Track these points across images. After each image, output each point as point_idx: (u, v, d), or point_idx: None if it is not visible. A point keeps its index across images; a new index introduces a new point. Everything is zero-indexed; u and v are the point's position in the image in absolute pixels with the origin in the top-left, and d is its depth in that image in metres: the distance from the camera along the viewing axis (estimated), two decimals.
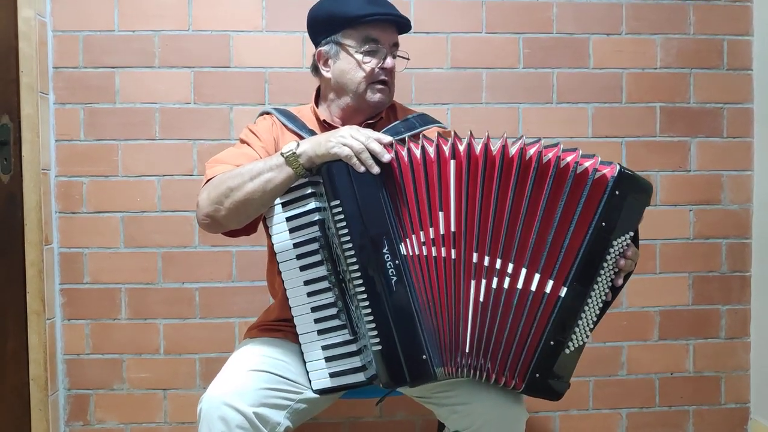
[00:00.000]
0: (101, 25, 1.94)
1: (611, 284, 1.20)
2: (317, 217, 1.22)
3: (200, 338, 1.98)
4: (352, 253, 1.15)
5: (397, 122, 1.46)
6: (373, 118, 1.47)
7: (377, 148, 1.16)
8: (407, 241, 1.17)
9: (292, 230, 1.24)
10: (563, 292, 1.15)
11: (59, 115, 1.95)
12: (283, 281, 1.26)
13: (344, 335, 1.23)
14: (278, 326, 1.42)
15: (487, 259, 1.16)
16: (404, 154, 1.17)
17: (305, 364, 1.26)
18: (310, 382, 1.26)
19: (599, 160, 1.16)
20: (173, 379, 1.99)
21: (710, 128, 2.07)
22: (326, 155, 1.18)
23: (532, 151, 1.15)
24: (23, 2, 1.80)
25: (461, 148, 1.16)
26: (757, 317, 2.08)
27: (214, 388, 1.20)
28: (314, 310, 1.24)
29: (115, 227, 1.96)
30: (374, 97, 1.41)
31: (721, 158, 2.08)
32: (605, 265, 1.17)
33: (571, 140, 2.00)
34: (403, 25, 1.44)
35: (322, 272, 1.23)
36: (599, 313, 1.20)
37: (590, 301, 1.17)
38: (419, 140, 1.19)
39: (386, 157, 1.16)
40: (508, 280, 1.16)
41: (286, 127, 1.45)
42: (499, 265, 1.16)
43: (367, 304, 1.16)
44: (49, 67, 1.93)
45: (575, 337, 1.18)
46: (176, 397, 1.99)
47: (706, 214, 2.08)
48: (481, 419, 1.21)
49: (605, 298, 1.20)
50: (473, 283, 1.17)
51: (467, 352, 1.17)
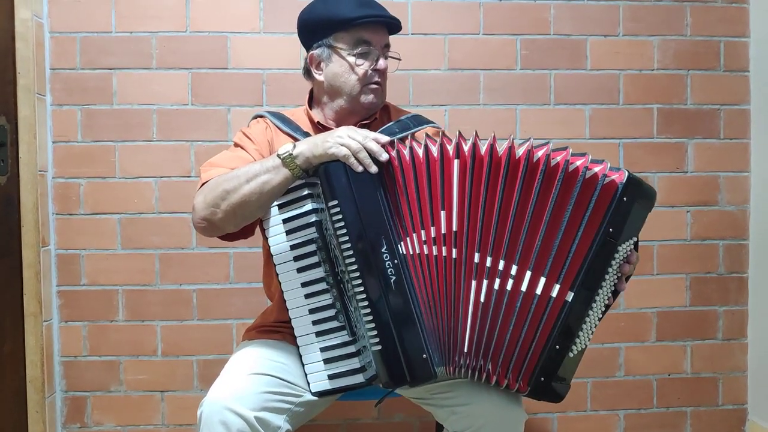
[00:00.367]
0: (98, 26, 1.94)
1: (614, 289, 1.20)
2: (314, 218, 1.22)
3: (198, 340, 1.98)
4: (350, 253, 1.15)
5: (391, 123, 1.46)
6: (367, 119, 1.47)
7: (375, 147, 1.17)
8: (407, 240, 1.17)
9: (288, 232, 1.24)
10: (570, 296, 1.14)
11: (56, 116, 1.94)
12: (280, 283, 1.26)
13: (343, 336, 1.23)
14: (277, 328, 1.42)
15: (489, 260, 1.16)
16: (406, 152, 1.18)
17: (303, 366, 1.26)
18: (308, 384, 1.26)
19: (608, 165, 1.15)
20: (171, 381, 1.98)
21: (707, 129, 2.08)
22: (323, 155, 1.18)
23: (540, 153, 1.14)
24: (20, 3, 1.79)
25: (466, 147, 1.15)
26: (754, 318, 2.09)
27: (214, 392, 1.19)
28: (312, 311, 1.24)
29: (112, 229, 1.96)
30: (368, 98, 1.42)
31: (718, 159, 2.08)
32: (610, 270, 1.16)
33: (568, 141, 1.98)
34: (394, 26, 1.44)
35: (319, 274, 1.23)
36: (601, 317, 1.20)
37: (594, 305, 1.17)
38: (422, 140, 1.18)
39: (384, 156, 1.17)
40: (511, 282, 1.15)
41: (280, 130, 1.45)
42: (501, 266, 1.15)
43: (366, 304, 1.15)
44: (46, 68, 1.93)
45: (578, 341, 1.17)
46: (174, 399, 1.98)
47: (703, 215, 2.08)
48: (480, 420, 1.21)
49: (607, 302, 1.20)
50: (474, 283, 1.16)
51: (466, 352, 1.17)
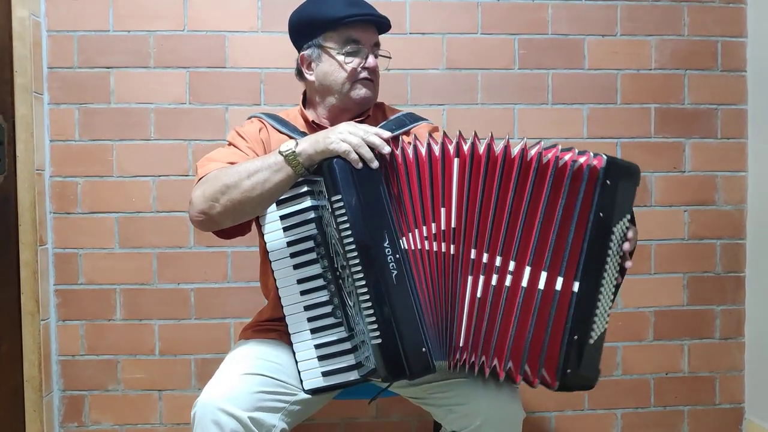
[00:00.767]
0: (96, 25, 1.94)
1: (620, 268, 1.21)
2: (313, 215, 1.23)
3: (195, 339, 1.98)
4: (352, 247, 1.15)
5: (388, 120, 1.47)
6: (360, 116, 1.47)
7: (377, 141, 1.17)
8: (408, 235, 1.18)
9: (286, 228, 1.24)
10: (576, 287, 1.15)
11: (54, 115, 1.94)
12: (275, 280, 1.26)
13: (339, 332, 1.23)
14: (271, 326, 1.42)
15: (486, 256, 1.17)
16: (410, 150, 1.19)
17: (297, 363, 1.26)
18: (301, 382, 1.26)
19: (592, 154, 1.16)
20: (168, 380, 1.98)
21: (705, 129, 2.08)
22: (325, 151, 1.19)
23: (533, 151, 1.16)
24: (17, 2, 1.79)
25: (465, 147, 1.17)
26: (751, 317, 2.09)
27: (207, 392, 1.19)
28: (307, 308, 1.24)
29: (110, 228, 1.96)
30: (359, 93, 1.42)
31: (715, 159, 2.08)
32: (610, 252, 1.17)
33: (566, 141, 2.00)
34: (383, 25, 1.45)
35: (316, 270, 1.23)
36: (613, 297, 1.21)
37: (603, 289, 1.18)
38: (422, 138, 1.20)
39: (386, 149, 1.17)
40: (510, 278, 1.16)
41: (277, 130, 1.46)
42: (498, 262, 1.16)
43: (367, 297, 1.16)
44: (43, 67, 1.92)
45: (595, 326, 1.18)
46: (171, 397, 1.98)
47: (700, 214, 2.09)
48: (479, 419, 1.21)
49: (616, 281, 1.21)
50: (470, 279, 1.17)
51: (461, 346, 1.18)
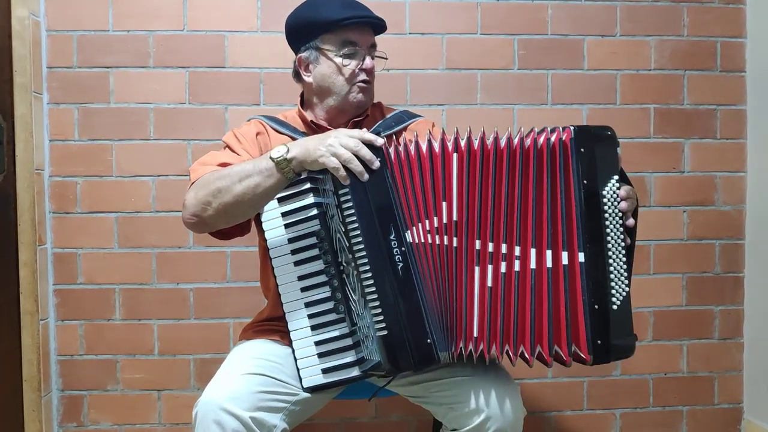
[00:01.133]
0: (95, 24, 1.94)
1: (623, 228, 1.22)
2: (315, 211, 1.23)
3: (195, 339, 1.98)
4: (359, 240, 1.17)
5: (387, 117, 1.51)
6: (359, 116, 1.49)
7: (367, 155, 1.18)
8: (413, 228, 1.20)
9: (288, 225, 1.24)
10: (582, 257, 1.17)
11: (53, 114, 1.94)
12: (275, 277, 1.26)
13: (340, 329, 1.23)
14: (272, 326, 1.42)
15: (491, 245, 1.20)
16: (412, 147, 1.21)
17: (296, 361, 1.26)
18: (300, 380, 1.26)
19: (561, 128, 1.21)
20: (168, 379, 1.98)
21: (704, 129, 2.08)
22: (315, 164, 1.19)
23: (516, 139, 1.20)
24: (17, 1, 1.79)
25: (462, 142, 1.20)
26: (750, 318, 2.09)
27: (209, 392, 1.20)
28: (308, 305, 1.24)
29: (109, 227, 1.96)
30: (357, 96, 1.45)
31: (714, 159, 2.09)
32: (607, 215, 1.19)
33: None
34: (379, 26, 1.47)
35: (318, 266, 1.23)
36: (627, 260, 1.22)
37: (611, 253, 1.19)
38: (422, 135, 1.22)
39: (376, 164, 1.18)
40: (518, 263, 1.19)
41: (276, 131, 1.47)
42: (504, 249, 1.19)
43: (373, 290, 1.17)
44: (43, 66, 1.92)
45: (615, 291, 1.19)
46: (171, 397, 1.98)
47: (699, 215, 2.09)
48: (479, 417, 1.22)
49: (624, 243, 1.22)
50: (477, 269, 1.19)
51: (476, 336, 1.19)
